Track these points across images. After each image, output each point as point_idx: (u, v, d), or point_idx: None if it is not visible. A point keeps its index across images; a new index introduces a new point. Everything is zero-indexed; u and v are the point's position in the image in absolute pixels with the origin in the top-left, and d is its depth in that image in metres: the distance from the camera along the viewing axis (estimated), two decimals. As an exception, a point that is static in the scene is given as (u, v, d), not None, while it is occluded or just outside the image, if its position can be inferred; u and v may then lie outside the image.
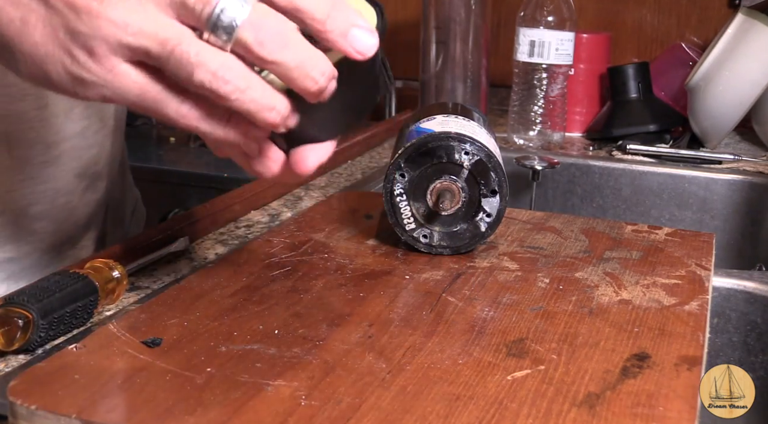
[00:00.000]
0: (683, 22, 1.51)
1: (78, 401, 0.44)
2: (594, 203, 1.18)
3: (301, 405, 0.44)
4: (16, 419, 0.44)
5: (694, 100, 1.17)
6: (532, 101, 1.21)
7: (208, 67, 0.40)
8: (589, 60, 1.32)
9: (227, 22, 0.40)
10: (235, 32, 0.40)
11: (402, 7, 1.68)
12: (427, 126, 0.68)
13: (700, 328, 0.55)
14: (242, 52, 0.41)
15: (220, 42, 0.41)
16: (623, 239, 0.72)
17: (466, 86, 1.25)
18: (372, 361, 0.49)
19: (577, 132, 1.33)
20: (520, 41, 1.20)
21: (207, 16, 0.40)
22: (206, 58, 0.41)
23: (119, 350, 0.50)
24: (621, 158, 1.18)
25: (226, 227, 0.79)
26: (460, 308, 0.58)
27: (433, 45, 1.25)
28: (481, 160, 0.66)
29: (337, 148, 1.07)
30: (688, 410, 0.45)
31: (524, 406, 0.45)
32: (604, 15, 1.55)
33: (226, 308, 0.56)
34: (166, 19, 0.41)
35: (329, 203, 0.83)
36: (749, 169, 1.13)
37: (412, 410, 0.44)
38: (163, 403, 0.44)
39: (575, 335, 0.54)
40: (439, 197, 0.65)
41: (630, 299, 0.60)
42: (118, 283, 0.59)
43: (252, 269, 0.63)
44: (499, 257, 0.68)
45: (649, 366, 0.50)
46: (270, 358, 0.49)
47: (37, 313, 0.51)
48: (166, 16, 0.41)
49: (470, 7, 1.23)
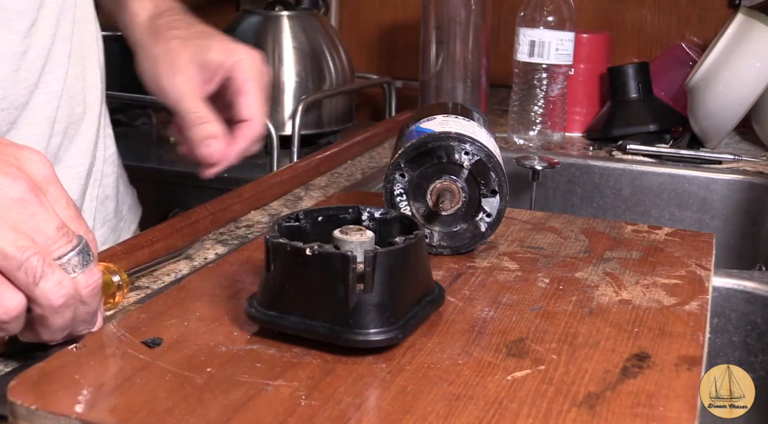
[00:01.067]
0: (683, 22, 1.51)
1: (78, 401, 0.44)
2: (594, 203, 1.18)
3: (301, 405, 0.44)
4: (16, 419, 0.44)
5: (694, 100, 1.17)
6: (532, 101, 1.21)
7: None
8: (589, 60, 1.32)
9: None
10: None
11: (402, 7, 1.68)
12: (427, 126, 0.68)
13: (700, 328, 0.55)
14: None
15: None
16: (623, 239, 0.72)
17: (466, 86, 1.25)
18: (372, 361, 0.49)
19: (577, 132, 1.33)
20: (520, 41, 1.20)
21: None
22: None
23: (119, 350, 0.50)
24: (621, 158, 1.18)
25: (226, 226, 0.79)
26: (460, 308, 0.58)
27: (433, 45, 1.25)
28: (481, 160, 0.66)
29: (337, 148, 1.08)
30: (688, 410, 0.45)
31: (524, 406, 0.45)
32: (604, 15, 1.55)
33: (226, 308, 0.56)
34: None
35: (329, 203, 0.83)
36: (749, 169, 1.13)
37: (412, 410, 0.44)
38: (163, 403, 0.44)
39: (575, 335, 0.54)
40: (439, 197, 0.65)
41: (630, 299, 0.60)
42: (119, 288, 0.58)
43: (252, 269, 0.63)
44: (499, 257, 0.68)
45: (649, 366, 0.50)
46: (270, 358, 0.49)
47: None
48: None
49: (470, 7, 1.23)
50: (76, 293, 0.48)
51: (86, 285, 0.48)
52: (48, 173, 0.49)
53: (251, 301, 0.53)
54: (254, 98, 0.72)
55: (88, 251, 0.48)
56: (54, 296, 0.46)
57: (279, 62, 1.32)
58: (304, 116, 1.26)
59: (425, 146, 0.66)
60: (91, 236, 0.50)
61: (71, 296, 0.47)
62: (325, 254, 0.50)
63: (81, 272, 0.48)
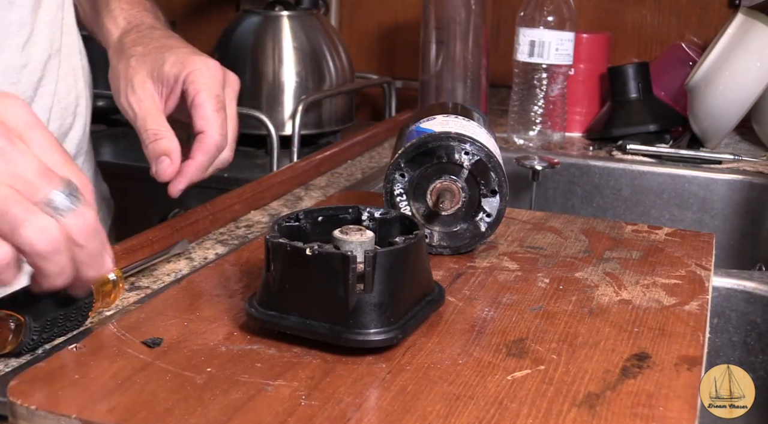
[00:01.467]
0: (683, 22, 1.51)
1: (78, 401, 0.44)
2: (594, 203, 1.18)
3: (301, 405, 0.44)
4: (16, 419, 0.44)
5: (694, 100, 1.17)
6: (532, 101, 1.21)
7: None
8: (589, 60, 1.32)
9: None
10: None
11: (402, 7, 1.68)
12: (427, 126, 0.68)
13: (700, 328, 0.55)
14: None
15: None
16: (623, 239, 0.72)
17: (466, 86, 1.25)
18: (372, 361, 0.49)
19: (577, 132, 1.33)
20: (520, 41, 1.20)
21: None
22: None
23: (119, 350, 0.50)
24: (621, 158, 1.18)
25: (226, 226, 0.79)
26: (460, 308, 0.58)
27: (433, 45, 1.25)
28: (481, 160, 0.66)
29: (337, 148, 1.08)
30: (688, 410, 0.45)
31: (524, 406, 0.45)
32: (604, 15, 1.55)
33: (226, 308, 0.56)
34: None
35: (329, 203, 0.83)
36: (749, 169, 1.13)
37: (412, 410, 0.44)
38: (163, 403, 0.44)
39: (575, 335, 0.54)
40: (439, 197, 0.65)
41: (630, 299, 0.60)
42: (114, 285, 0.58)
43: (252, 269, 0.63)
44: (499, 257, 0.68)
45: (649, 366, 0.50)
46: (270, 358, 0.49)
47: (29, 316, 0.51)
48: None
49: (470, 7, 1.23)
50: (65, 237, 0.46)
51: (77, 227, 0.46)
52: (28, 118, 0.47)
53: (251, 301, 0.53)
54: (207, 109, 0.69)
55: (76, 192, 0.47)
56: (37, 242, 0.45)
57: (279, 62, 1.32)
58: (304, 116, 1.26)
59: (425, 146, 0.66)
60: (84, 180, 0.48)
61: (59, 240, 0.45)
62: (325, 253, 0.50)
63: (71, 214, 0.46)
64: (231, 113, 0.72)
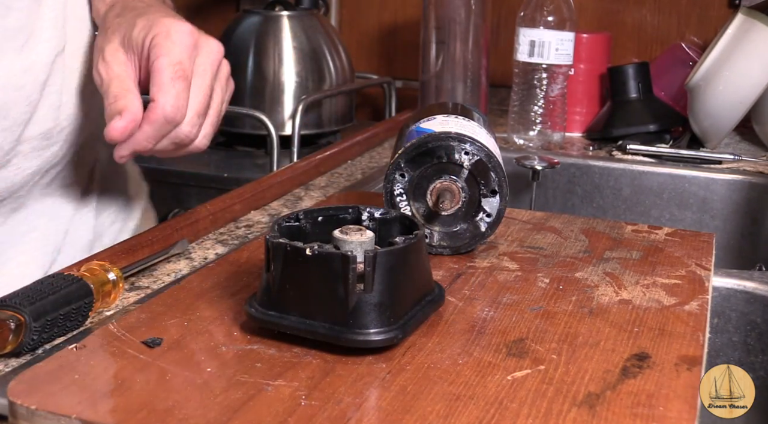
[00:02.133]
0: (683, 22, 1.51)
1: (78, 401, 0.44)
2: (594, 203, 1.18)
3: (301, 405, 0.44)
4: (16, 419, 0.44)
5: (694, 100, 1.17)
6: (532, 101, 1.21)
7: None
8: (589, 60, 1.32)
9: None
10: None
11: (402, 7, 1.68)
12: (427, 126, 0.68)
13: (700, 328, 0.55)
14: None
15: None
16: (623, 239, 0.72)
17: (466, 86, 1.25)
18: (372, 361, 0.49)
19: (577, 132, 1.33)
20: (520, 41, 1.20)
21: None
22: None
23: (119, 350, 0.50)
24: (621, 158, 1.18)
25: (226, 226, 0.79)
26: (460, 308, 0.58)
27: (433, 45, 1.25)
28: (481, 160, 0.66)
29: (337, 148, 1.08)
30: (688, 410, 0.45)
31: (524, 406, 0.45)
32: (604, 15, 1.55)
33: (226, 308, 0.56)
34: None
35: (329, 203, 0.83)
36: (749, 169, 1.13)
37: (412, 410, 0.44)
38: (163, 403, 0.44)
39: (575, 335, 0.54)
40: (439, 197, 0.65)
41: (630, 299, 0.60)
42: (114, 285, 0.58)
43: (252, 269, 0.63)
44: (499, 257, 0.68)
45: (649, 366, 0.50)
46: (270, 358, 0.49)
47: (30, 315, 0.51)
48: None
49: (470, 7, 1.23)
50: None
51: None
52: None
53: (251, 301, 0.53)
54: (163, 76, 0.63)
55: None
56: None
57: (279, 62, 1.32)
58: (304, 116, 1.26)
59: (425, 146, 0.66)
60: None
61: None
62: (325, 253, 0.50)
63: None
64: (200, 85, 0.65)
